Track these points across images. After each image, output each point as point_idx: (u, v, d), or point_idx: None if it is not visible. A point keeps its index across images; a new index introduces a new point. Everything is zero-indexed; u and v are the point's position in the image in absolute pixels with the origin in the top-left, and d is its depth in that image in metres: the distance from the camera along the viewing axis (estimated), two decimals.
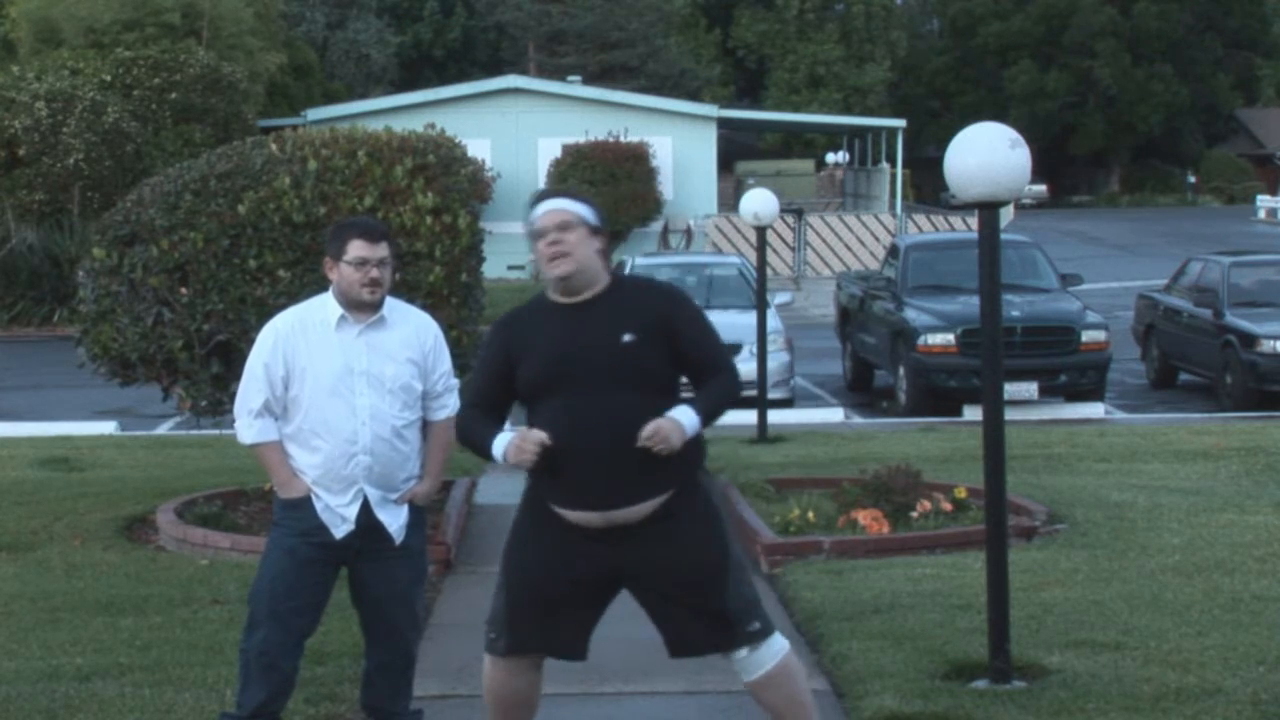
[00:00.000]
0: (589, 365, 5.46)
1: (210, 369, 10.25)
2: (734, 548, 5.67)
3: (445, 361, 6.35)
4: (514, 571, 5.65)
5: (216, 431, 11.84)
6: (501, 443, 5.56)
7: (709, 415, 5.51)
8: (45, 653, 7.82)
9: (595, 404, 5.44)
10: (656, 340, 5.49)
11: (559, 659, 5.73)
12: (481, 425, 5.67)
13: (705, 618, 5.53)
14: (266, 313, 9.35)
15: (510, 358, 5.62)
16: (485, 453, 5.64)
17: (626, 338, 5.46)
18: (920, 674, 7.24)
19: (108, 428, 17.33)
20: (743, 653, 5.58)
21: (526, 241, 5.66)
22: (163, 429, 17.56)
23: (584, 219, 5.56)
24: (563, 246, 5.50)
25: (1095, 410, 18.62)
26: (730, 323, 16.79)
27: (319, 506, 6.14)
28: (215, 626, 8.26)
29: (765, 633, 5.61)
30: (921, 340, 18.48)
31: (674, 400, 5.52)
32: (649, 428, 5.36)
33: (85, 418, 18.16)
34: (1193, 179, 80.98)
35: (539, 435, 5.46)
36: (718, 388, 5.57)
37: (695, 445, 5.54)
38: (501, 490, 12.91)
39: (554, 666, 7.63)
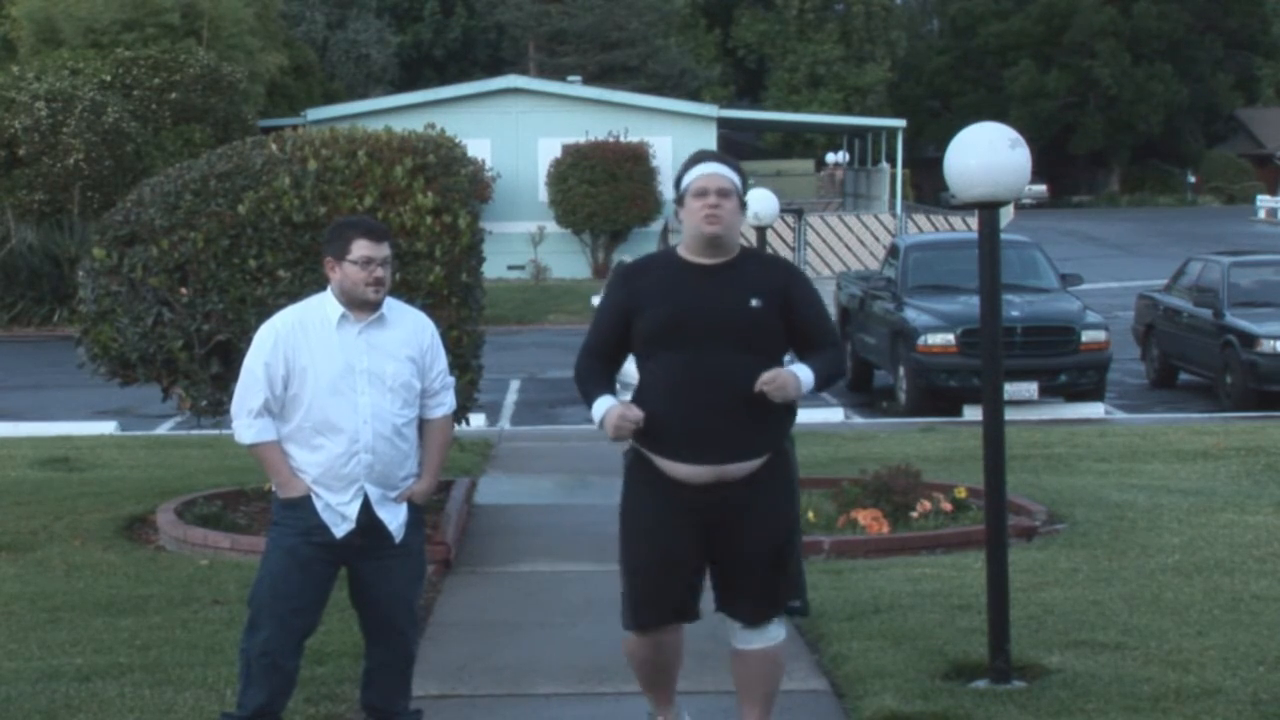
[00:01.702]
0: (716, 323, 5.79)
1: (210, 369, 10.25)
2: (799, 519, 6.13)
3: (442, 360, 6.36)
4: (633, 551, 5.96)
5: (216, 431, 11.83)
6: (602, 409, 5.85)
7: (821, 379, 5.90)
8: (45, 653, 7.81)
9: (714, 360, 5.78)
10: (777, 309, 5.87)
11: (679, 624, 6.03)
12: (594, 378, 5.98)
13: (766, 578, 5.90)
14: (266, 313, 9.32)
15: (631, 306, 5.92)
16: (587, 405, 5.95)
17: (755, 302, 5.83)
18: (920, 674, 7.24)
19: (108, 428, 17.33)
20: (756, 624, 5.93)
21: (675, 199, 5.97)
22: (163, 429, 17.56)
23: (739, 191, 5.92)
24: (720, 211, 5.83)
25: (1095, 410, 18.62)
26: None
27: (319, 505, 6.14)
28: (215, 626, 8.26)
29: (801, 612, 6.07)
30: (921, 340, 18.49)
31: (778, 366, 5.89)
32: (769, 374, 5.73)
33: (85, 418, 18.16)
34: (1193, 179, 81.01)
35: (638, 415, 5.75)
36: (830, 357, 5.98)
37: (791, 412, 5.98)
38: (501, 490, 12.93)
39: (554, 666, 7.65)
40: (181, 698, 6.98)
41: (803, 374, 5.83)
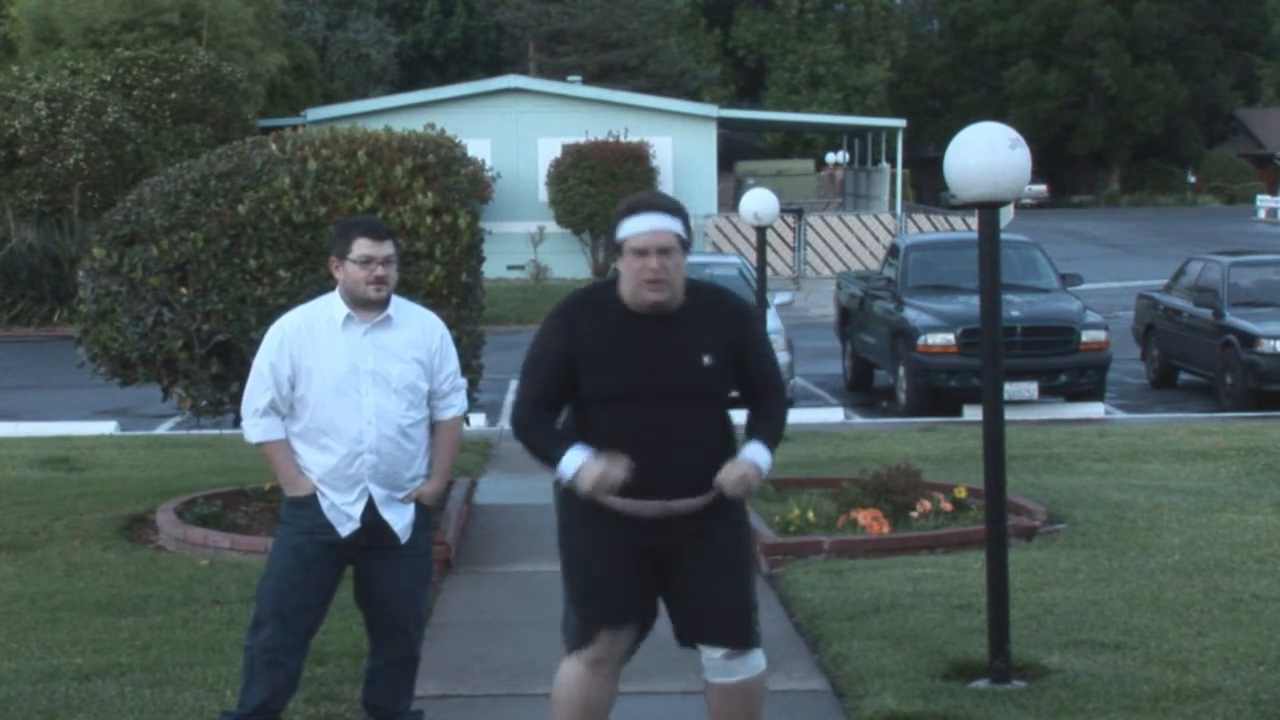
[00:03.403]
0: (667, 381, 5.42)
1: (210, 369, 10.25)
2: (750, 543, 5.82)
3: (452, 361, 6.36)
4: (574, 556, 5.60)
5: (216, 431, 11.83)
6: (573, 465, 5.39)
7: (774, 447, 5.59)
8: (45, 653, 7.81)
9: (663, 412, 5.43)
10: (729, 361, 5.51)
11: (629, 625, 5.60)
12: (547, 430, 5.52)
13: (726, 604, 5.57)
14: (266, 313, 9.36)
15: (574, 353, 5.46)
16: (549, 463, 5.47)
17: (707, 360, 5.45)
18: (920, 674, 7.24)
19: (108, 428, 17.33)
20: (737, 654, 5.62)
21: (612, 250, 5.48)
22: (163, 429, 17.56)
23: (683, 239, 5.42)
24: (663, 273, 5.36)
25: (1095, 410, 18.63)
26: None
27: (324, 505, 6.15)
28: (215, 626, 8.26)
29: (759, 642, 5.67)
30: (921, 340, 18.49)
31: (725, 409, 5.59)
32: (736, 475, 5.42)
33: (85, 418, 18.16)
34: (1193, 179, 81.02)
35: (619, 475, 5.33)
36: (776, 416, 5.64)
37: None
38: (501, 490, 12.92)
39: (554, 666, 7.64)
40: (181, 698, 6.98)
41: (761, 459, 5.49)
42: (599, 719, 5.65)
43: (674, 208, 5.46)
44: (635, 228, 5.37)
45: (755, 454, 5.50)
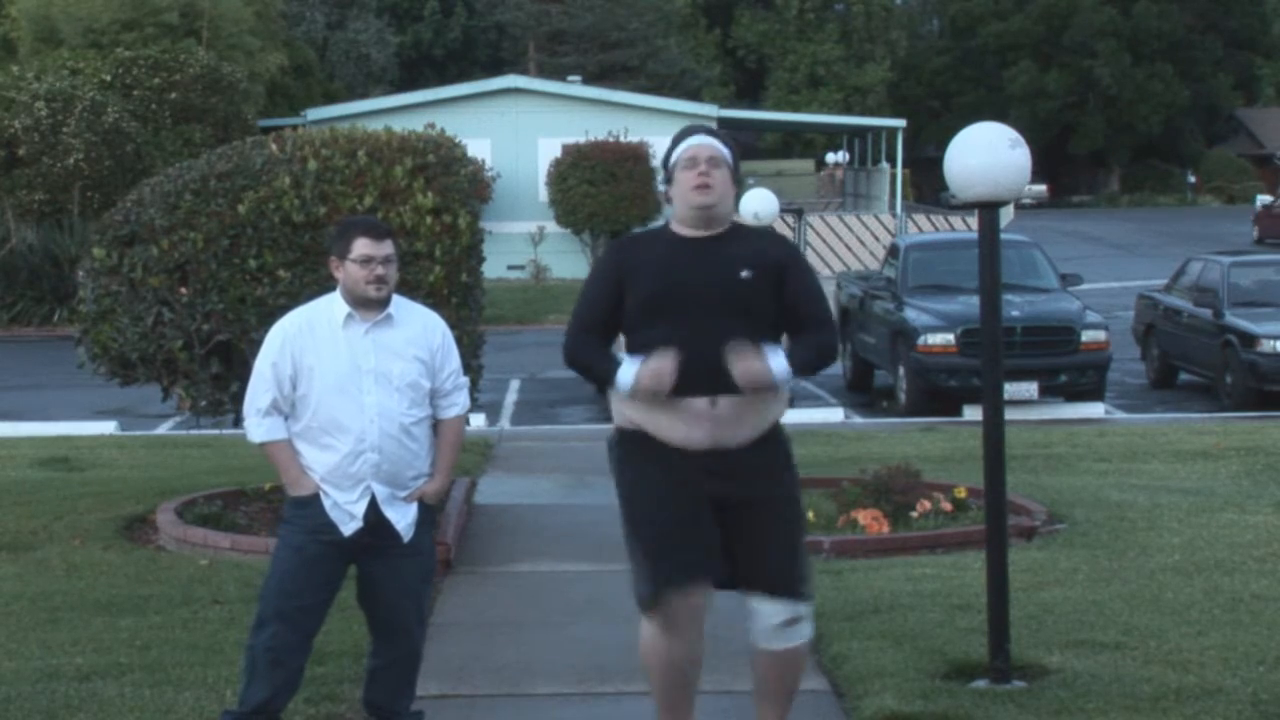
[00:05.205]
0: (703, 295, 5.67)
1: (210, 369, 10.25)
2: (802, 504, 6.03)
3: (454, 360, 6.36)
4: (638, 511, 5.76)
5: (216, 431, 11.83)
6: (630, 371, 5.65)
7: (802, 366, 5.74)
8: (45, 653, 7.81)
9: (702, 331, 5.64)
10: (769, 282, 5.74)
11: (701, 583, 5.72)
12: (597, 351, 5.83)
13: (784, 556, 5.77)
14: (266, 313, 9.36)
15: (621, 280, 5.79)
16: (605, 380, 5.78)
17: (745, 273, 5.71)
18: (920, 674, 7.24)
19: (108, 428, 17.33)
20: (790, 614, 5.77)
21: (663, 175, 5.89)
22: (163, 429, 17.56)
23: (730, 163, 5.82)
24: (710, 180, 5.73)
25: (1095, 410, 18.62)
26: None
27: (327, 504, 6.16)
28: (215, 626, 8.26)
29: (812, 599, 5.90)
30: (921, 340, 18.49)
31: (776, 342, 5.78)
32: (748, 362, 5.55)
33: (85, 418, 18.16)
34: (1193, 179, 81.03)
35: (669, 364, 5.56)
36: (814, 340, 5.80)
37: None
38: (501, 490, 12.92)
39: (554, 666, 7.65)
40: (181, 698, 6.98)
41: (775, 363, 5.63)
42: (685, 675, 5.85)
43: (721, 136, 5.88)
44: (685, 145, 5.81)
45: (771, 357, 5.66)
